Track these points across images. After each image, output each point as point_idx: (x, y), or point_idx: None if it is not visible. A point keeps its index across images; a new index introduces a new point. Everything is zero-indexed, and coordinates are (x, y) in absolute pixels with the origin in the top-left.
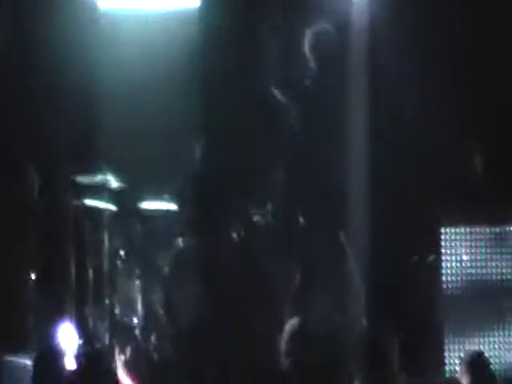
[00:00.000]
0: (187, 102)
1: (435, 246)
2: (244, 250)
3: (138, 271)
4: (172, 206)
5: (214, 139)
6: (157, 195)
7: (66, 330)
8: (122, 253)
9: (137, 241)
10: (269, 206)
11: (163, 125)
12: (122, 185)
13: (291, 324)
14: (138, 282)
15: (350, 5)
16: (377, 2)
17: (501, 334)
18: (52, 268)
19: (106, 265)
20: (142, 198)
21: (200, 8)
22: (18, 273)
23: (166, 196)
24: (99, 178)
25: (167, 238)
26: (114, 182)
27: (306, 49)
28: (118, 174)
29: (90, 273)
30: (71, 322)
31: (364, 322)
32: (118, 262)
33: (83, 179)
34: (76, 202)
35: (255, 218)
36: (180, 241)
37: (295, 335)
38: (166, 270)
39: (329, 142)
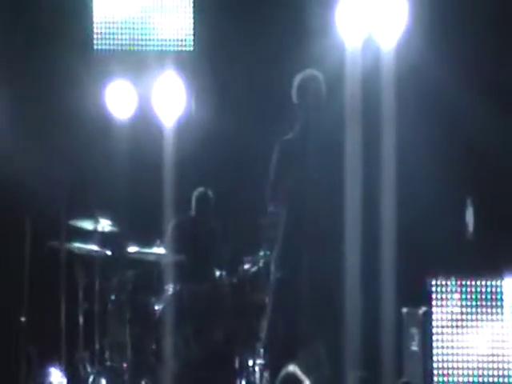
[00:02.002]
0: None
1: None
2: (236, 296)
3: (128, 315)
4: (164, 252)
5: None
6: (149, 240)
7: (56, 375)
8: (112, 297)
9: (128, 285)
10: (261, 253)
11: (159, 171)
12: (114, 229)
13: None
14: (128, 327)
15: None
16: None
17: None
18: (43, 312)
19: (96, 309)
20: (134, 243)
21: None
22: (8, 316)
23: (158, 241)
24: (91, 222)
25: (159, 283)
26: (106, 227)
27: (294, 95)
28: (111, 218)
29: (81, 317)
30: (61, 367)
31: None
32: (109, 306)
33: (75, 223)
34: (68, 246)
35: (247, 266)
36: (171, 287)
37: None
38: (157, 315)
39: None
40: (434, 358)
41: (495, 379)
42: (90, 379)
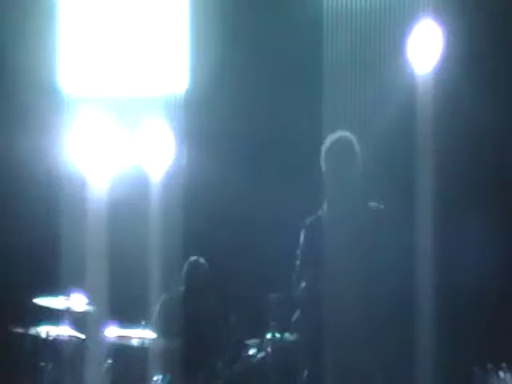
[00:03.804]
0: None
1: None
2: None
3: None
4: (149, 335)
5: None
6: (129, 322)
7: None
8: None
9: (106, 379)
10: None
11: (137, 244)
12: (87, 309)
13: None
14: None
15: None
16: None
17: None
18: None
19: None
20: (112, 325)
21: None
22: None
23: (141, 323)
24: (61, 300)
25: (143, 374)
26: (79, 305)
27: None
28: (85, 295)
29: None
30: None
31: None
32: None
33: (43, 302)
34: (33, 331)
35: (250, 352)
36: (158, 379)
37: None
38: None
39: None
40: None
41: None
42: None
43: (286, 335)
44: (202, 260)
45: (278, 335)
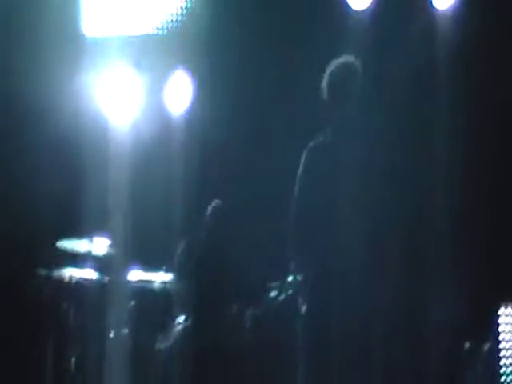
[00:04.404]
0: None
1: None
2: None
3: (129, 357)
4: (170, 278)
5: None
6: (152, 265)
7: None
8: (111, 335)
9: (128, 320)
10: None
11: (160, 187)
12: (110, 252)
13: None
14: (129, 371)
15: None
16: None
17: None
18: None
19: (91, 351)
20: (135, 268)
21: None
22: None
23: (163, 266)
24: (84, 244)
25: (164, 316)
26: (101, 249)
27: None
28: (107, 239)
29: (72, 362)
30: None
31: None
32: (107, 347)
33: (65, 246)
34: (56, 275)
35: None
36: (179, 320)
37: None
38: (162, 355)
39: None
40: None
41: None
42: None
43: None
44: (224, 204)
45: (298, 277)
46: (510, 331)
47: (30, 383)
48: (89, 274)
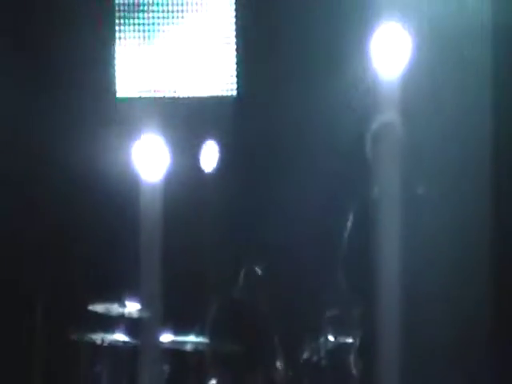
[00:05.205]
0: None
1: None
2: None
3: None
4: (204, 340)
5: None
6: (186, 327)
7: None
8: None
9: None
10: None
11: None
12: (143, 314)
13: None
14: None
15: None
16: None
17: None
18: None
19: None
20: (167, 331)
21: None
22: None
23: (197, 327)
24: (117, 306)
25: (199, 379)
26: (133, 311)
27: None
28: (139, 301)
29: None
30: None
31: None
32: None
33: (98, 308)
34: (89, 337)
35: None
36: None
37: None
38: None
39: None
40: None
41: None
42: None
43: (341, 338)
44: (256, 268)
45: (332, 338)
46: None
47: None
48: (120, 337)
